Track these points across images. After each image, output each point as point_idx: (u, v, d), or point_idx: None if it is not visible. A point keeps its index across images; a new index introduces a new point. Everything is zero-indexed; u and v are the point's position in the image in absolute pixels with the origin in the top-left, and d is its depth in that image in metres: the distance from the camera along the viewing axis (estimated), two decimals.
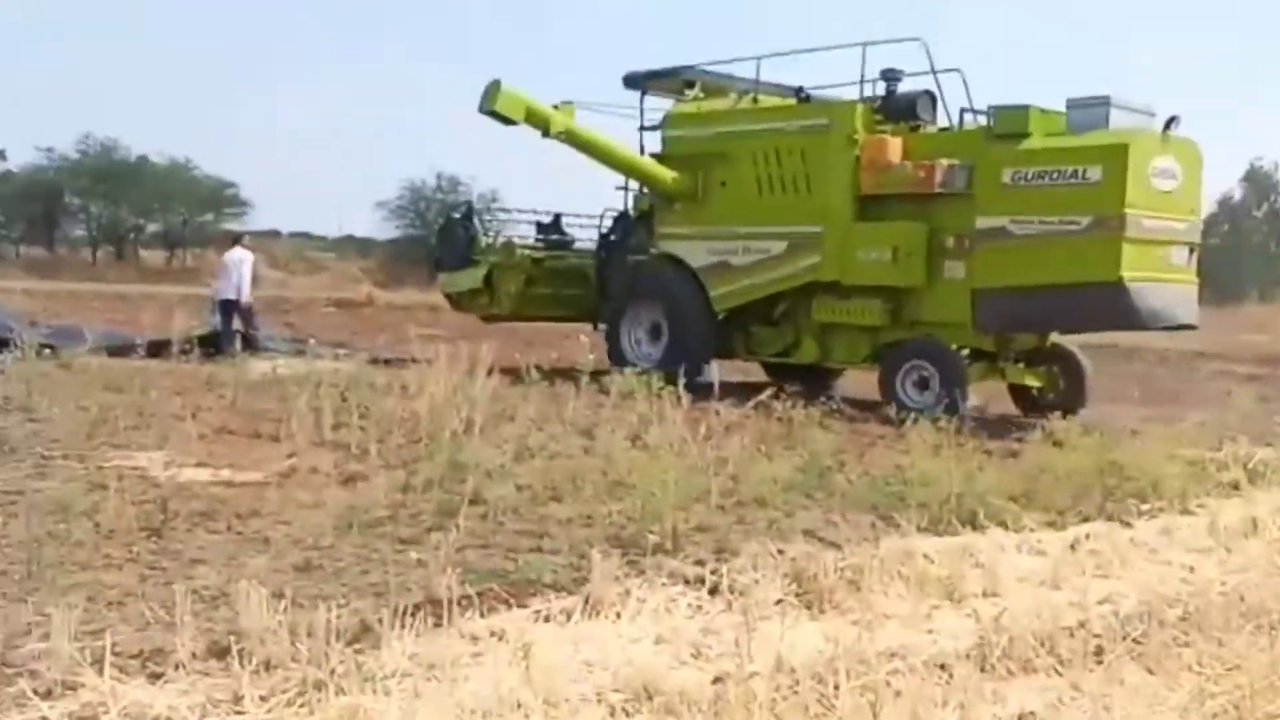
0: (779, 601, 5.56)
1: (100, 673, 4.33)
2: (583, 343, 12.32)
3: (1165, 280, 12.10)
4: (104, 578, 5.71)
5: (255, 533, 6.77)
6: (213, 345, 15.21)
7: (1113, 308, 11.71)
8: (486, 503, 7.58)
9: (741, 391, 12.04)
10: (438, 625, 5.12)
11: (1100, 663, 4.94)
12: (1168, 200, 12.05)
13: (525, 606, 5.45)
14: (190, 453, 8.84)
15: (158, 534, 6.56)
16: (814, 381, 14.48)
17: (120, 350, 14.36)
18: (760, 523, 7.20)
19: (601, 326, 15.50)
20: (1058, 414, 10.88)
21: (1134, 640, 5.23)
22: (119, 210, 46.57)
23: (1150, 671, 4.93)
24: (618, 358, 14.57)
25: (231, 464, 8.66)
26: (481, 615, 5.27)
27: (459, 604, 5.26)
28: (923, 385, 12.60)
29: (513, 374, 12.02)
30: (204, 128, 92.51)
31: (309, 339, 16.06)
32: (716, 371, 12.62)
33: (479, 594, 5.47)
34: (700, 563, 6.34)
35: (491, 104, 14.13)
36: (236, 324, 16.70)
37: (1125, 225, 11.50)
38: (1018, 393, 13.76)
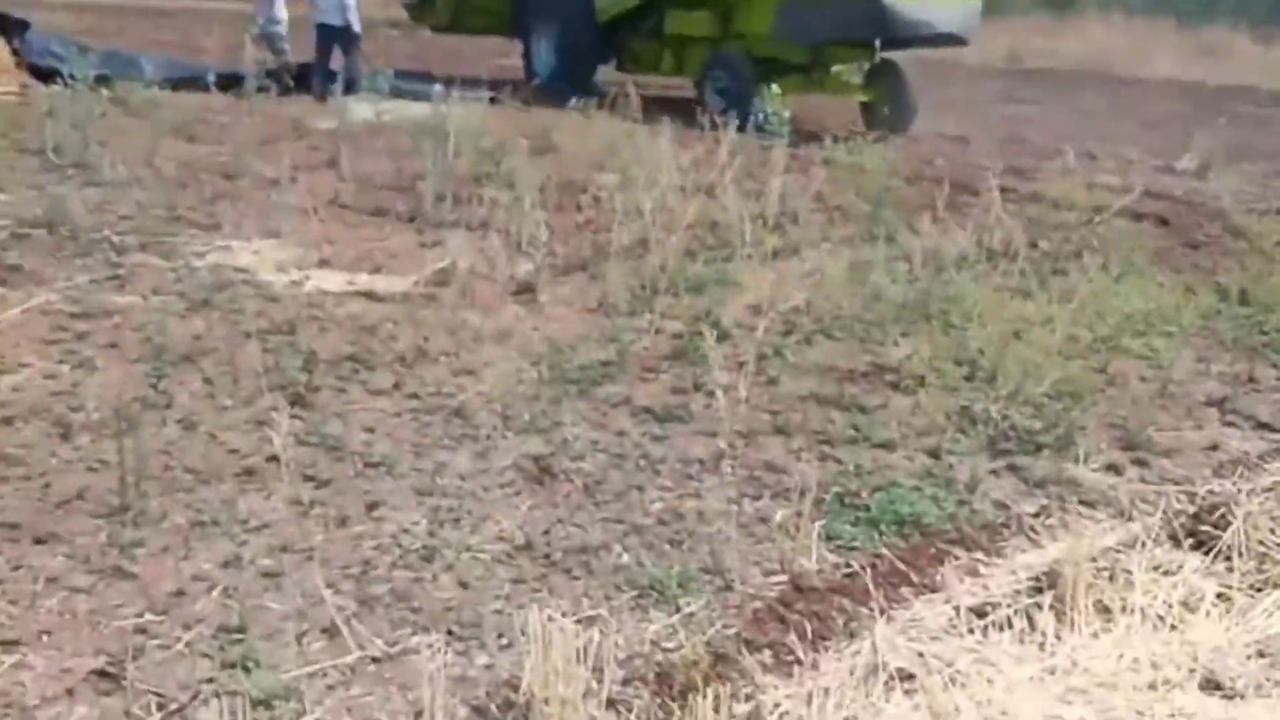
0: None
1: None
2: None
3: None
4: (242, 506, 3.50)
5: (435, 394, 4.52)
6: (283, 79, 12.38)
7: (869, 17, 11.72)
8: (730, 335, 5.32)
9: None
10: (825, 640, 2.93)
11: None
12: None
13: (935, 590, 3.24)
14: (304, 240, 6.51)
15: (301, 400, 4.31)
16: None
17: (185, 83, 11.80)
18: (1138, 385, 4.90)
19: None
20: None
21: None
22: None
23: None
24: (529, 70, 14.86)
25: (362, 258, 6.35)
26: (881, 610, 3.07)
27: (839, 594, 3.07)
28: (724, 92, 12.53)
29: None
30: None
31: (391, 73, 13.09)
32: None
33: (864, 567, 3.25)
34: (1113, 468, 4.11)
35: None
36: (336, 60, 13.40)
37: None
38: (864, 109, 13.45)
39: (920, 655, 2.88)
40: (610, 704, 2.59)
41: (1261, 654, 2.98)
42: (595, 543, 3.41)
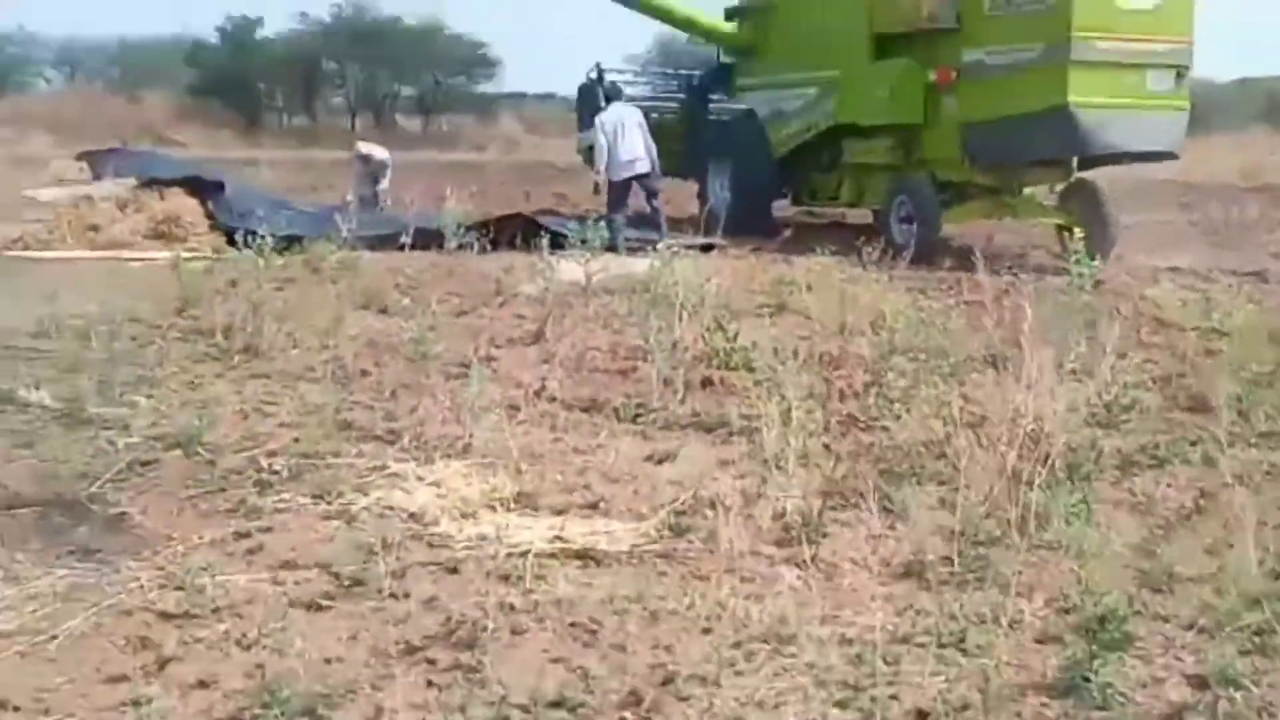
0: None
1: None
2: None
3: (1135, 107, 10.62)
4: None
5: None
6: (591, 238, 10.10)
7: (1064, 135, 10.57)
8: (1136, 638, 3.27)
9: None
10: None
11: None
12: (1141, 21, 10.57)
13: None
14: (500, 455, 4.75)
15: None
16: None
17: (385, 241, 10.48)
18: None
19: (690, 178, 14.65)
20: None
21: None
22: (375, 74, 43.09)
23: None
24: (703, 206, 13.51)
25: (573, 487, 4.55)
26: None
27: None
28: (909, 220, 11.49)
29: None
30: None
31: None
32: None
33: None
34: None
35: None
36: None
37: (1071, 50, 10.32)
38: (1059, 231, 11.63)
39: None
40: None
41: None
42: None
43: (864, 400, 5.73)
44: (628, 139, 11.28)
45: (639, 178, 11.36)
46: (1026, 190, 12.15)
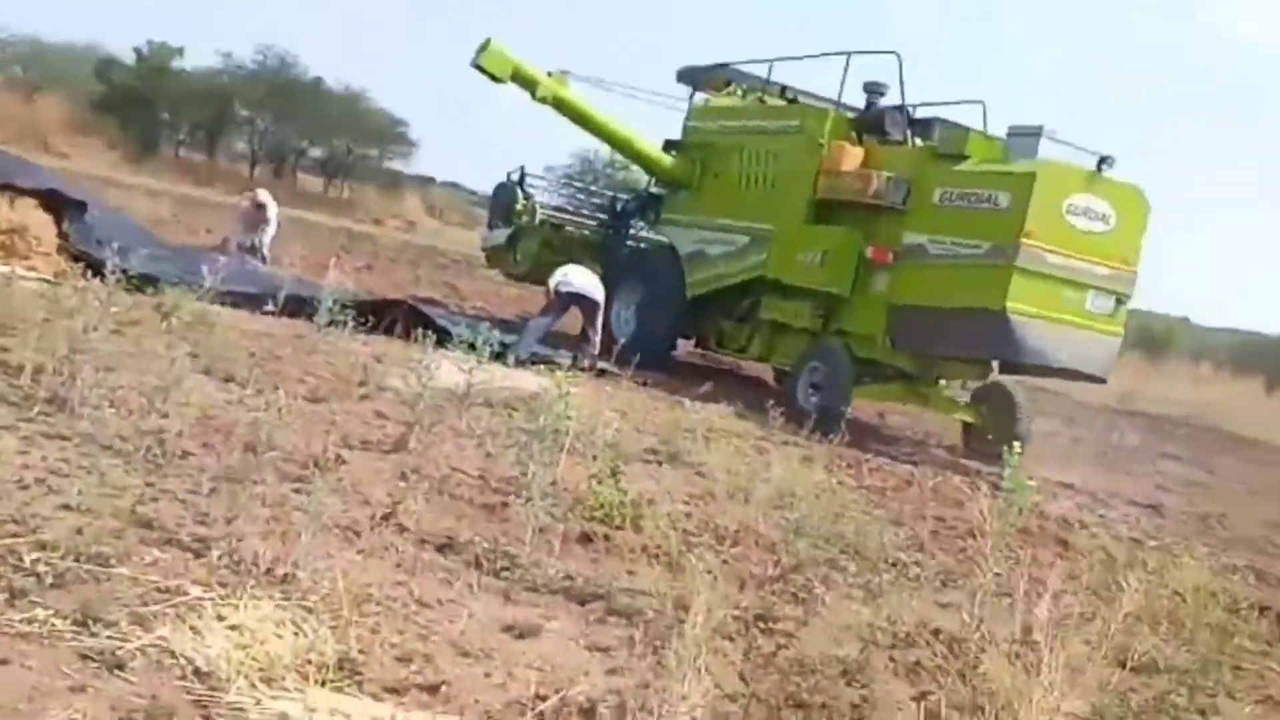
0: None
1: None
2: None
3: (1070, 323, 10.45)
4: None
5: None
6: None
7: (996, 337, 10.30)
8: None
9: None
10: None
11: None
12: (1091, 242, 10.45)
13: None
14: (327, 598, 3.78)
15: None
16: None
17: (252, 300, 9.51)
18: None
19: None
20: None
21: None
22: (285, 129, 41.93)
23: None
24: (610, 332, 13.17)
25: (411, 656, 3.60)
26: None
27: None
28: (818, 387, 11.16)
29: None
30: (383, 58, 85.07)
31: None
32: None
33: None
34: None
35: (479, 60, 12.90)
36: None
37: (1018, 255, 10.05)
38: (965, 431, 11.83)
39: None
40: None
41: None
42: None
43: (766, 593, 4.93)
44: (585, 277, 11.68)
45: (582, 300, 11.46)
46: (942, 382, 11.77)
